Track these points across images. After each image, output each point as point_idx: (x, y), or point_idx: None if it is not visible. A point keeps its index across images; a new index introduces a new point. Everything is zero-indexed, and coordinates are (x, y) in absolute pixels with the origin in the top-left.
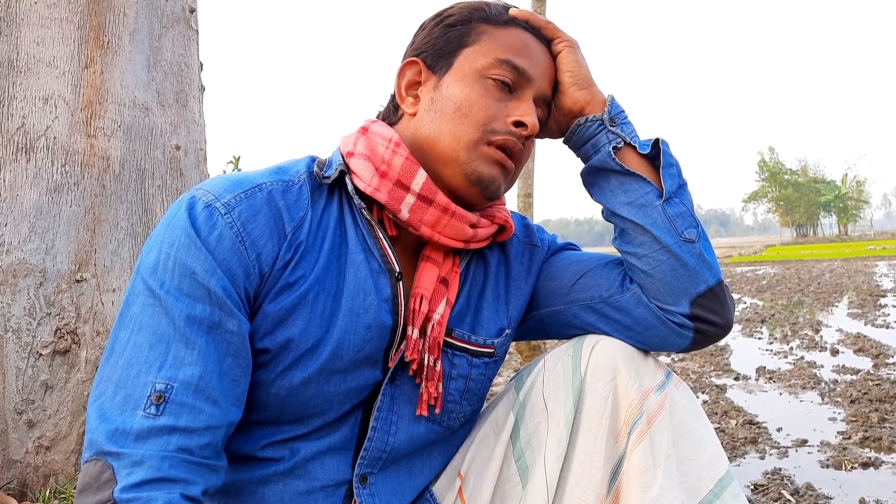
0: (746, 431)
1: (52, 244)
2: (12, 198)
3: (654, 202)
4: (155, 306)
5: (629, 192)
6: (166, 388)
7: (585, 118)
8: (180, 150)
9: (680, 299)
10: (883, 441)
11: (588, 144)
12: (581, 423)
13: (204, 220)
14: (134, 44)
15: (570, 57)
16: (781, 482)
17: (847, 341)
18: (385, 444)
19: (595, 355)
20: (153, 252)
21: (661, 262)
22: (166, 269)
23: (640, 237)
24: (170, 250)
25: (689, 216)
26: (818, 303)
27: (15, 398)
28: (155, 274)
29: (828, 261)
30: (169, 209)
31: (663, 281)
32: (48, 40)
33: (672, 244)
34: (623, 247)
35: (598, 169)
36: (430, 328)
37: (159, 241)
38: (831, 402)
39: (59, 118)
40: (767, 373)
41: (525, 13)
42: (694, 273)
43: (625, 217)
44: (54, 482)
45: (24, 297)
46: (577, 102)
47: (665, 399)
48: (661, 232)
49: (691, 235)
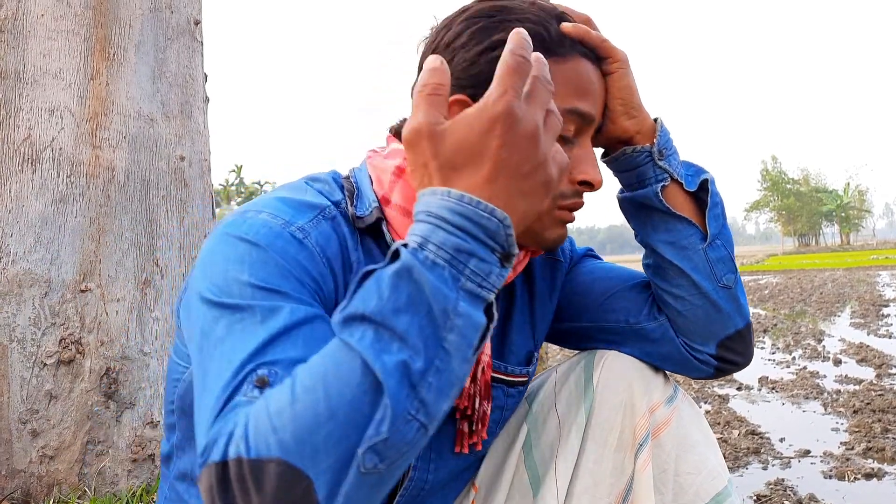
0: (749, 442)
1: (57, 254)
2: (18, 208)
3: (696, 245)
4: (243, 320)
5: (671, 232)
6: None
7: (633, 148)
8: (185, 160)
9: (708, 341)
10: (886, 452)
11: (632, 173)
12: (593, 434)
13: (286, 241)
14: (139, 55)
15: (623, 81)
16: (784, 493)
17: (850, 351)
18: (424, 482)
19: (607, 369)
20: (218, 276)
21: (697, 307)
22: (240, 283)
23: (678, 279)
24: (241, 266)
25: (730, 260)
26: (820, 312)
27: (19, 408)
28: (228, 291)
29: (830, 270)
30: (221, 233)
31: (695, 323)
32: (55, 52)
33: (710, 290)
34: (659, 283)
35: (641, 203)
36: (480, 371)
37: (224, 261)
38: (834, 413)
39: (64, 129)
40: (770, 382)
41: (581, 30)
42: (726, 318)
43: (664, 256)
44: (58, 492)
45: (29, 306)
46: (626, 132)
47: (673, 413)
48: (701, 277)
49: (729, 281)
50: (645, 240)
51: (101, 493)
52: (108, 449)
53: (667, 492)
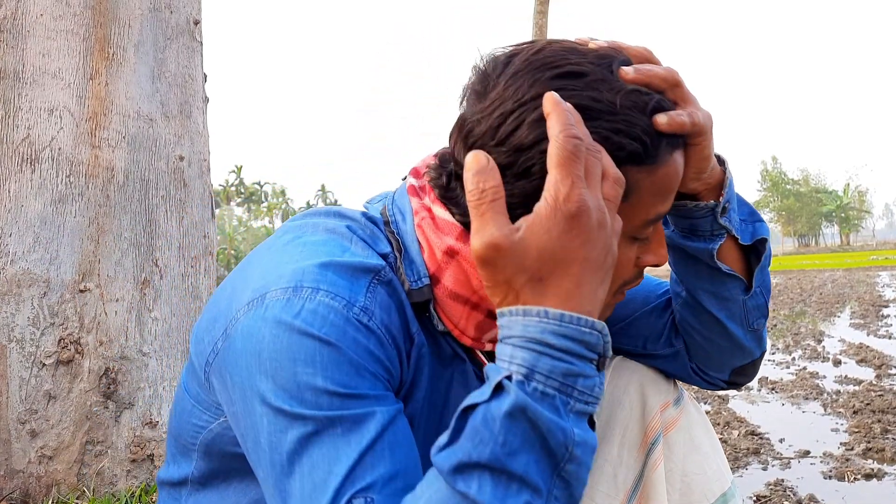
0: (749, 442)
1: (56, 254)
2: (17, 208)
3: (738, 297)
4: (323, 434)
5: (716, 285)
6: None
7: (696, 205)
8: (184, 160)
9: (723, 370)
10: (886, 452)
11: (687, 221)
12: (602, 433)
13: (355, 331)
14: (139, 55)
15: (703, 153)
16: (784, 493)
17: (849, 352)
18: None
19: (617, 371)
20: (285, 379)
21: (721, 347)
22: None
23: (710, 323)
24: (313, 370)
25: (765, 307)
26: (820, 313)
27: (18, 408)
28: (300, 399)
29: (830, 271)
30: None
31: (714, 357)
32: (54, 52)
33: (740, 336)
34: (687, 317)
35: (690, 254)
36: None
37: (290, 362)
38: (834, 413)
39: (63, 129)
40: (770, 383)
41: (677, 123)
42: (745, 352)
43: (702, 303)
44: (56, 492)
45: (28, 306)
46: (693, 191)
47: (681, 413)
48: (734, 325)
49: (759, 326)
50: (685, 283)
51: (100, 493)
52: (106, 449)
53: (674, 491)
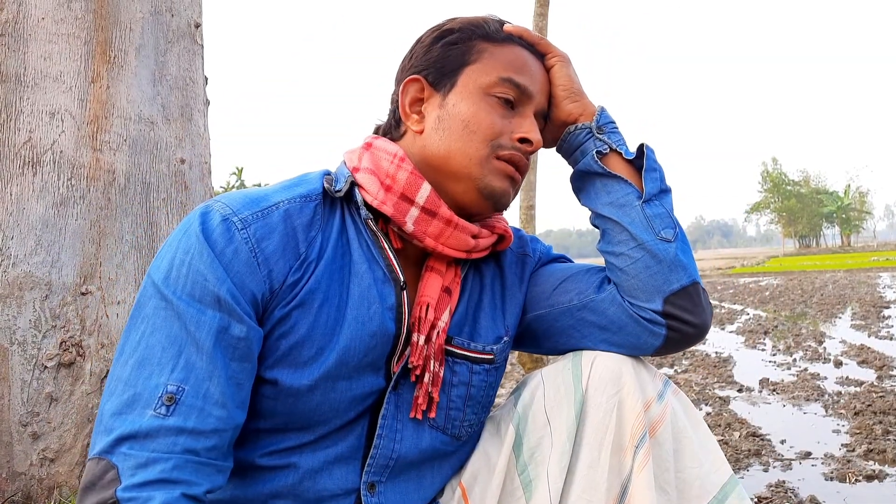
0: (750, 444)
1: (58, 257)
2: (19, 211)
3: (633, 202)
4: (167, 310)
5: (611, 193)
6: (178, 390)
7: (575, 126)
8: (185, 163)
9: (653, 297)
10: (887, 453)
11: (577, 151)
12: (584, 436)
13: (221, 233)
14: (140, 59)
15: (562, 71)
16: (785, 495)
17: (850, 353)
18: (391, 451)
19: (596, 369)
20: (166, 258)
21: (637, 259)
22: (179, 275)
23: (619, 235)
24: (184, 257)
25: (668, 217)
26: (821, 314)
27: (20, 410)
28: (168, 280)
29: (831, 272)
30: (186, 218)
31: (638, 278)
32: (55, 55)
33: (648, 241)
34: (603, 247)
35: (584, 173)
36: (435, 335)
37: (174, 249)
38: (835, 414)
39: (65, 132)
40: (771, 384)
41: (520, 29)
42: (668, 271)
43: (606, 216)
44: (58, 494)
45: (30, 309)
46: (571, 114)
47: (666, 409)
48: (639, 230)
49: (668, 235)
50: (592, 210)
51: None
52: None
53: (670, 490)
